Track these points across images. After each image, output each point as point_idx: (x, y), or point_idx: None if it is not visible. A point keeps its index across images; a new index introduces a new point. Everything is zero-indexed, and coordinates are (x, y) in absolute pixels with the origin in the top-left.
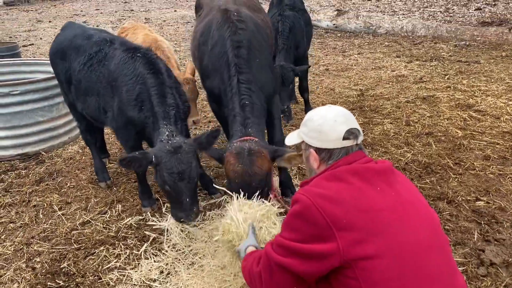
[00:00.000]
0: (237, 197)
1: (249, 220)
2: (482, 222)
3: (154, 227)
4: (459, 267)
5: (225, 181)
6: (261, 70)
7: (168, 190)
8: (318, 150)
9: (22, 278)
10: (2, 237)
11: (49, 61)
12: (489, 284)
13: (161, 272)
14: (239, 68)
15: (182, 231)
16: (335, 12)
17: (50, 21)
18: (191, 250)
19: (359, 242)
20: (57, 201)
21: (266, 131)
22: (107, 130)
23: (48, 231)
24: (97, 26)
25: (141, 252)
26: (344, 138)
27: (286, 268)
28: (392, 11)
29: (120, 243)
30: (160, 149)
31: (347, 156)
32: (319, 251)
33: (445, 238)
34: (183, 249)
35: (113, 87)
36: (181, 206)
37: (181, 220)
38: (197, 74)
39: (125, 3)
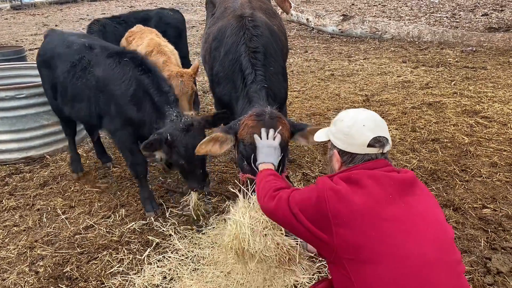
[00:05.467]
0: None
1: (254, 222)
2: (489, 230)
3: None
4: (465, 275)
5: (230, 185)
6: (274, 79)
7: (182, 164)
8: (341, 152)
9: (25, 282)
10: (6, 240)
11: None
12: None
13: (164, 277)
14: (256, 67)
15: (185, 236)
16: (341, 17)
17: (56, 25)
18: (194, 255)
19: (354, 244)
20: (61, 205)
21: None
22: (103, 135)
23: (51, 235)
24: None
25: (144, 257)
26: (369, 145)
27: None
28: (398, 17)
29: (123, 248)
30: (174, 128)
31: (369, 162)
32: (316, 233)
33: (458, 256)
34: (186, 254)
35: (105, 93)
36: (194, 177)
37: (195, 189)
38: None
39: (130, 7)
